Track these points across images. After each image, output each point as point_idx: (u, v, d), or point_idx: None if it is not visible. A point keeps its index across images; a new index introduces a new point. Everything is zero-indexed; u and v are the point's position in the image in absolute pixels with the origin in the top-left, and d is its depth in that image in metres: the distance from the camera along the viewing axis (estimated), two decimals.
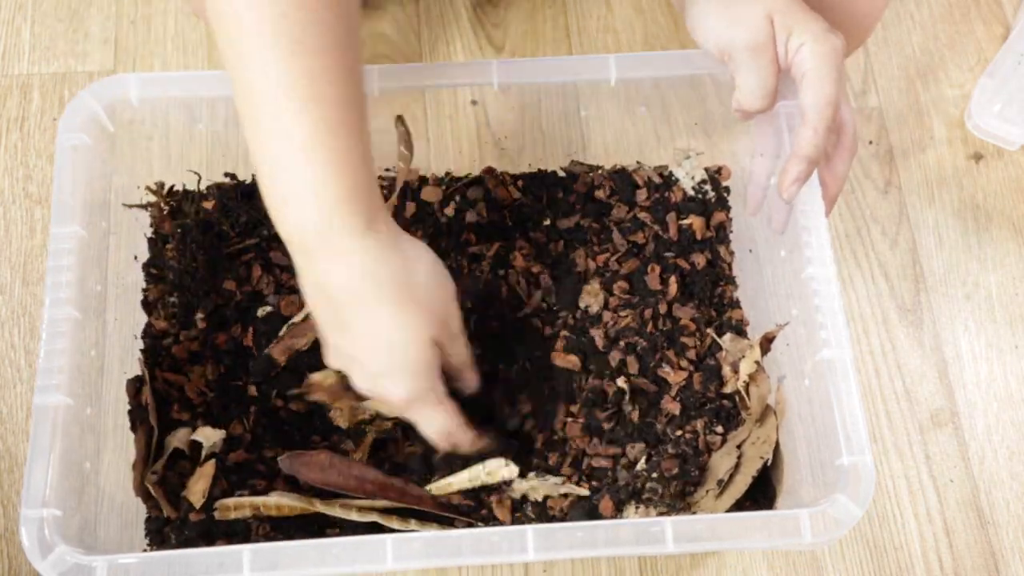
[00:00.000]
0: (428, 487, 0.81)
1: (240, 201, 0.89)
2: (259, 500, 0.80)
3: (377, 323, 0.69)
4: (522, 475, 0.81)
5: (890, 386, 0.96)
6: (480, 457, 0.81)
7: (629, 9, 1.14)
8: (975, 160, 1.06)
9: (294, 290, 0.87)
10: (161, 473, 0.80)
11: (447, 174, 0.93)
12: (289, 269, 0.88)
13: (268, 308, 0.87)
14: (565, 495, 0.81)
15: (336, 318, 0.70)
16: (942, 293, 1.00)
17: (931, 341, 0.98)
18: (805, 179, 0.74)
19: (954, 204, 1.04)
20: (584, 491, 0.80)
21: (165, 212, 0.88)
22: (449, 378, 0.76)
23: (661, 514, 0.79)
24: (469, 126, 0.99)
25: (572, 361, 0.85)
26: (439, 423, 0.75)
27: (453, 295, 0.74)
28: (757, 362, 0.82)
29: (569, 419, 0.83)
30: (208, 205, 0.88)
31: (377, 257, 0.68)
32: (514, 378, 0.85)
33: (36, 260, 1.04)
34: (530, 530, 0.68)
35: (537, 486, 0.81)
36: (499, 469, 0.80)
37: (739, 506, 0.79)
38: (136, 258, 0.87)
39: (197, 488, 0.80)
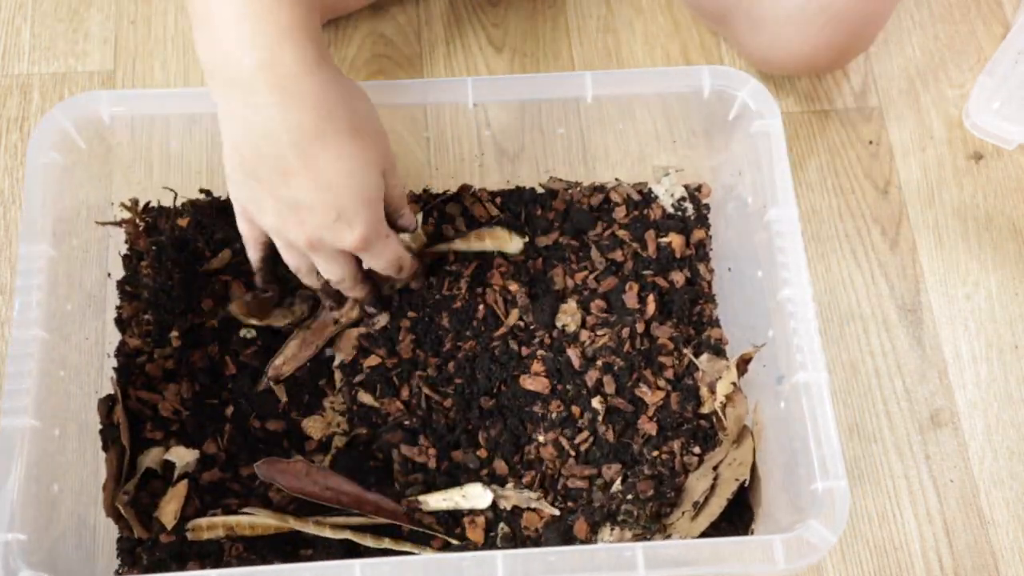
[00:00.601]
0: (402, 503, 0.81)
1: (215, 218, 0.88)
2: (232, 520, 0.80)
3: (335, 157, 0.68)
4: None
5: (890, 386, 0.96)
6: (449, 482, 0.81)
7: (629, 9, 1.13)
8: (975, 160, 1.06)
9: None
10: (133, 493, 0.80)
11: (424, 191, 0.93)
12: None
13: (251, 331, 0.87)
14: (536, 511, 0.80)
15: (278, 164, 0.67)
16: (942, 293, 1.00)
17: (931, 341, 0.98)
18: None
19: (954, 204, 1.04)
20: (554, 510, 0.80)
21: (140, 229, 0.87)
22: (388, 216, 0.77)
23: (636, 536, 0.78)
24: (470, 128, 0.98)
25: (542, 384, 0.84)
26: (392, 250, 0.77)
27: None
28: (734, 383, 0.81)
29: (542, 440, 0.83)
30: (183, 222, 0.87)
31: (329, 90, 0.67)
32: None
33: None
34: (500, 555, 0.67)
35: (510, 495, 0.80)
36: (475, 494, 0.80)
37: (715, 528, 0.78)
38: (110, 275, 0.86)
39: (169, 509, 0.79)
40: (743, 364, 0.81)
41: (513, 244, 0.87)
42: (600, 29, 1.12)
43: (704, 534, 0.77)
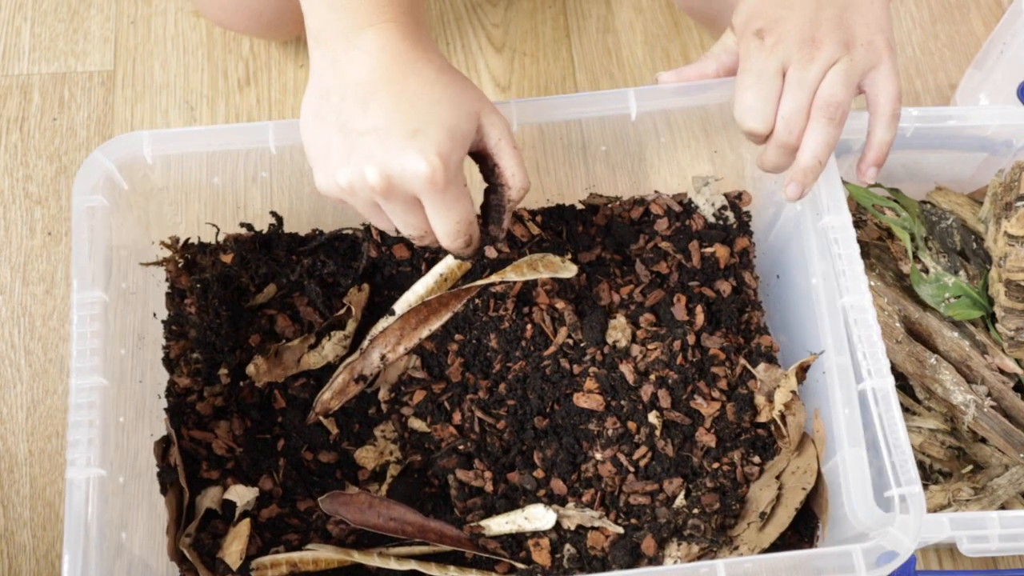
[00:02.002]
0: (464, 529, 0.80)
1: (259, 252, 0.87)
2: (296, 556, 0.79)
3: (423, 83, 0.67)
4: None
5: None
6: (510, 502, 0.80)
7: (629, 9, 1.13)
8: None
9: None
10: (195, 536, 0.79)
11: None
12: (314, 319, 0.87)
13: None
14: (601, 530, 0.80)
15: (364, 93, 0.67)
16: None
17: None
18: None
19: None
20: (619, 528, 0.80)
21: (180, 266, 0.87)
22: (489, 174, 0.73)
23: (703, 550, 0.78)
24: None
25: (596, 401, 0.84)
26: (462, 210, 0.69)
27: None
28: (793, 391, 0.81)
29: (599, 458, 0.82)
30: (226, 258, 0.86)
31: (429, 45, 0.70)
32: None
33: (36, 260, 1.04)
34: None
35: (572, 514, 0.80)
36: (538, 515, 0.79)
37: (783, 538, 0.78)
38: (155, 315, 0.85)
39: (233, 549, 0.78)
40: (801, 372, 0.81)
41: (567, 270, 0.84)
42: (600, 29, 1.13)
43: (773, 543, 0.77)
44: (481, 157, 0.72)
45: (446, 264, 0.87)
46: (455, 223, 0.69)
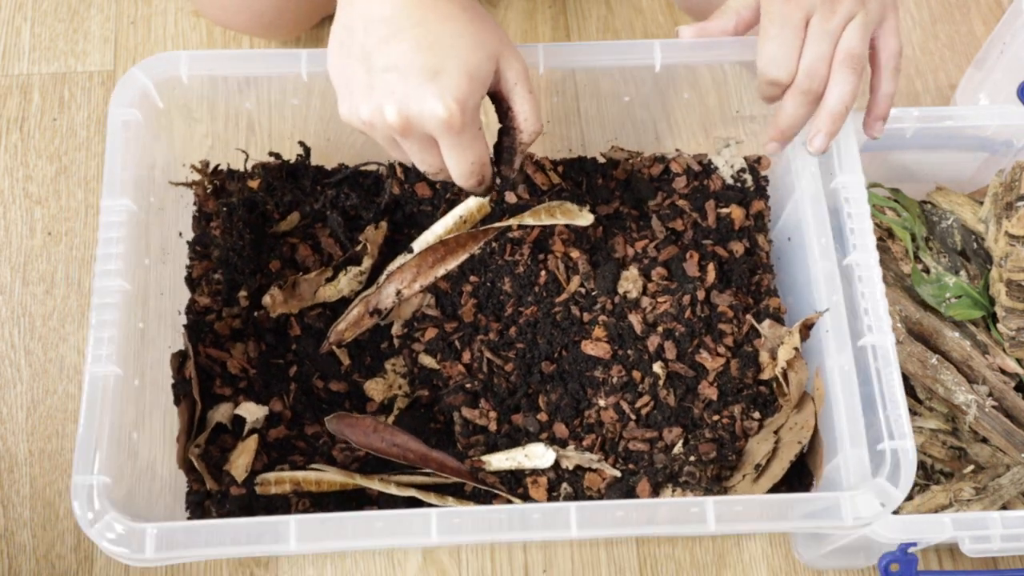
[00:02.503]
0: (465, 463, 0.82)
1: (285, 180, 0.89)
2: (300, 475, 0.81)
3: (444, 18, 0.67)
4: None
5: None
6: (512, 440, 0.82)
7: (629, 9, 1.14)
8: None
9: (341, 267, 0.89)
10: (204, 447, 0.81)
11: None
12: (333, 250, 0.89)
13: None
14: (598, 472, 0.81)
15: (385, 29, 0.67)
16: None
17: None
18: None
19: None
20: (616, 472, 0.81)
21: (208, 191, 0.89)
22: (504, 115, 0.74)
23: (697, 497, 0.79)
24: None
25: (603, 349, 0.85)
26: (477, 152, 0.71)
27: None
28: (796, 348, 0.82)
29: (603, 404, 0.84)
30: (253, 184, 0.88)
31: None
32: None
33: (36, 260, 1.04)
34: (573, 507, 0.69)
35: (571, 455, 0.81)
36: (538, 454, 0.81)
37: (775, 491, 0.79)
38: (181, 234, 0.88)
39: (240, 462, 0.80)
40: (805, 330, 0.82)
41: (583, 218, 0.85)
42: (600, 29, 1.13)
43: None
44: (497, 99, 0.74)
45: (466, 206, 0.88)
46: (469, 163, 0.71)
